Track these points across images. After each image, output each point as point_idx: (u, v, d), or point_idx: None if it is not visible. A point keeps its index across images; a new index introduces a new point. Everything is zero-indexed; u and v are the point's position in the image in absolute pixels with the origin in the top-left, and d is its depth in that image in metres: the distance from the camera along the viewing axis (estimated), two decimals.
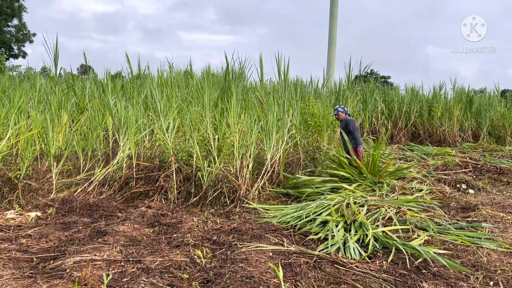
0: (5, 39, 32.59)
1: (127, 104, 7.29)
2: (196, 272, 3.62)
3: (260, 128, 7.04)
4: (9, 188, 5.84)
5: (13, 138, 6.45)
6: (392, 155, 10.35)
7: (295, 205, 5.89)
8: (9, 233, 4.57)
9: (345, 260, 3.99)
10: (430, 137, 13.84)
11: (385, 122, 13.80)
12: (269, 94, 8.68)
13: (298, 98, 8.70)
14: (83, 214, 5.40)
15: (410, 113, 14.03)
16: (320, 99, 9.44)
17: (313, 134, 8.28)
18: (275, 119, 7.01)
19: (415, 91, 15.07)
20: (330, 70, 17.80)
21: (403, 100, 14.28)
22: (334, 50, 18.88)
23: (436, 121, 13.79)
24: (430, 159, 9.81)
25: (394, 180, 7.21)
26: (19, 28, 34.31)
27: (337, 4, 19.00)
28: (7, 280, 3.37)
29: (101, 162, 6.70)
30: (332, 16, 19.01)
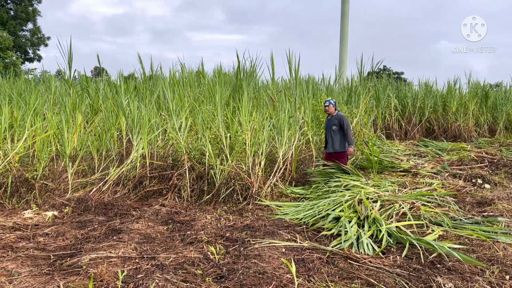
0: (20, 43, 33.18)
1: (140, 104, 7.37)
2: (209, 268, 3.66)
3: (272, 125, 7.05)
4: (27, 188, 5.96)
5: (30, 140, 6.59)
6: (406, 151, 10.25)
7: (308, 201, 5.88)
8: (27, 232, 4.67)
9: (359, 256, 3.98)
10: (444, 133, 13.67)
11: (399, 118, 13.67)
12: (281, 91, 8.68)
13: (309, 95, 8.68)
14: (98, 213, 5.49)
15: (424, 108, 13.88)
16: (332, 96, 9.40)
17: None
18: (286, 116, 7.01)
19: (429, 86, 14.90)
20: (342, 66, 17.71)
21: (417, 96, 14.13)
22: (346, 47, 18.78)
23: (451, 116, 13.61)
24: (445, 155, 9.69)
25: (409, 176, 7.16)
26: (33, 32, 34.90)
27: (348, 1, 18.89)
28: (25, 277, 3.45)
29: (115, 162, 6.79)
30: (343, 13, 18.92)
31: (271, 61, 9.26)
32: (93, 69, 33.62)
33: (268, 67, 9.27)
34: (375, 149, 8.16)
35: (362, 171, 7.61)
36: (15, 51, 30.31)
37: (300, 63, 8.44)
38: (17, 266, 3.66)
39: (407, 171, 7.75)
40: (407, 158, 9.00)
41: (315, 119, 8.24)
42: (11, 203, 5.69)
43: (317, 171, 6.95)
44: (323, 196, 5.99)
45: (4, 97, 7.95)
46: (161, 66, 13.72)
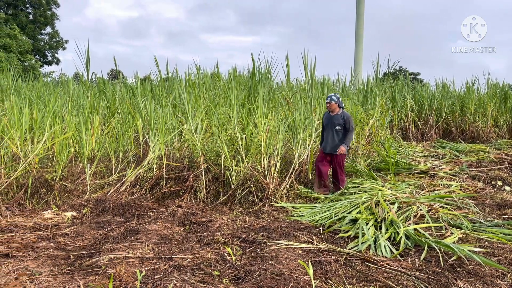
0: (39, 46, 33.83)
1: (156, 106, 7.44)
2: (226, 269, 3.67)
3: (287, 127, 7.05)
4: (46, 189, 6.06)
5: (49, 141, 6.70)
6: (423, 152, 10.13)
7: (324, 203, 5.86)
8: (47, 232, 4.75)
9: (376, 258, 3.94)
10: (462, 134, 13.45)
11: (415, 119, 13.51)
12: (296, 93, 8.66)
13: (325, 96, 8.64)
14: (116, 214, 5.55)
15: (441, 109, 13.69)
16: (348, 97, 9.35)
17: None
18: (302, 117, 6.99)
19: (446, 86, 14.69)
20: (357, 67, 17.59)
21: (434, 97, 13.95)
22: (361, 47, 18.65)
23: (469, 117, 13.39)
24: (463, 156, 9.54)
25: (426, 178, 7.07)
26: (52, 36, 35.55)
27: (363, 2, 18.76)
28: (46, 276, 3.51)
29: (132, 163, 6.86)
30: (358, 14, 18.79)
31: (286, 62, 9.26)
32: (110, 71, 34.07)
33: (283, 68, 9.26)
34: (392, 151, 8.08)
35: (378, 173, 7.54)
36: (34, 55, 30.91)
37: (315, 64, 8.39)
38: (38, 265, 3.73)
39: (424, 173, 7.65)
40: (424, 159, 8.88)
41: None
42: (31, 204, 5.80)
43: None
44: (339, 197, 5.95)
45: (24, 99, 8.10)
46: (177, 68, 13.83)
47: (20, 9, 33.32)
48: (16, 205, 5.63)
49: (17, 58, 24.50)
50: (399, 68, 36.02)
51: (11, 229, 4.72)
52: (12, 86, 9.37)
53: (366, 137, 8.88)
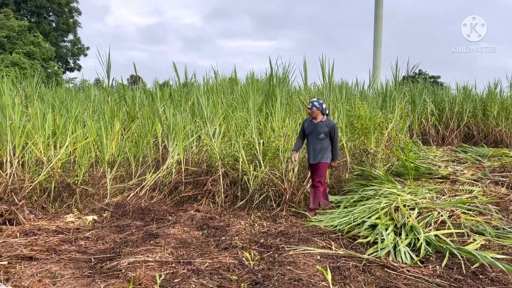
0: (61, 53, 34.64)
1: (175, 111, 7.52)
2: (244, 274, 3.67)
3: None
4: (68, 193, 6.19)
5: (71, 146, 6.85)
6: (444, 157, 9.95)
7: (342, 208, 5.81)
8: (69, 235, 4.85)
9: (396, 264, 3.89)
10: (485, 138, 13.16)
11: (435, 123, 13.30)
12: (313, 97, 8.64)
13: (343, 100, 8.60)
14: (135, 218, 5.63)
15: (463, 113, 13.43)
16: (367, 101, 9.27)
17: (359, 136, 8.14)
18: None
19: (467, 90, 14.41)
20: (376, 71, 17.42)
21: (455, 100, 13.70)
22: (379, 51, 18.49)
23: (491, 121, 13.10)
24: (486, 161, 9.34)
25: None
26: (74, 43, 36.36)
27: (382, 5, 18.61)
28: (68, 279, 3.58)
29: (152, 168, 6.95)
30: (377, 17, 18.65)
31: (304, 67, 9.26)
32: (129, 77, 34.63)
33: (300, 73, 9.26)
34: (411, 155, 7.97)
35: (397, 178, 7.44)
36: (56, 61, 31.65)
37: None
38: (60, 268, 3.81)
39: (445, 178, 7.52)
40: (445, 164, 8.73)
41: (349, 124, 8.14)
42: (54, 207, 5.93)
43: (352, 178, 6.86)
44: (358, 203, 5.90)
45: (48, 105, 8.30)
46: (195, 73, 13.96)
47: (44, 17, 34.21)
48: (39, 209, 5.76)
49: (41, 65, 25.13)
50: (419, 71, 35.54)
51: (34, 232, 4.84)
52: (36, 92, 9.61)
53: (385, 141, 8.79)
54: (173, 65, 10.54)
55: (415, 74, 27.34)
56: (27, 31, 25.88)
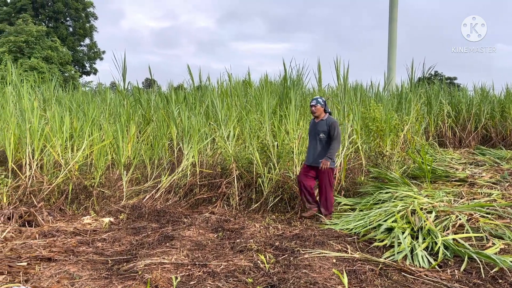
0: (78, 57, 35.21)
1: (190, 114, 7.57)
2: (260, 277, 3.67)
3: None
4: (85, 195, 6.28)
5: (88, 149, 6.95)
6: (461, 159, 9.80)
7: (358, 211, 5.77)
8: (86, 237, 4.91)
9: (413, 268, 3.84)
10: (503, 140, 12.91)
11: (452, 125, 13.11)
12: (328, 99, 8.61)
13: (358, 102, 8.54)
14: (151, 220, 5.67)
15: (480, 115, 13.21)
16: (382, 103, 9.20)
17: (375, 139, 8.08)
18: None
19: (485, 91, 14.18)
20: (390, 73, 17.28)
21: (472, 102, 13.49)
22: (394, 52, 18.33)
23: (510, 122, 12.86)
24: (505, 163, 9.16)
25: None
26: (90, 47, 36.94)
27: (396, 6, 18.46)
28: (86, 280, 3.63)
29: (167, 170, 7.00)
30: (391, 19, 18.51)
31: (318, 68, 9.22)
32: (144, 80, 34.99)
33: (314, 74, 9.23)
34: (428, 158, 7.87)
35: (414, 181, 7.35)
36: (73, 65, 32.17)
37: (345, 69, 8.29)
38: (78, 269, 3.86)
39: (463, 181, 7.40)
40: (462, 167, 8.59)
41: (364, 127, 8.09)
42: (71, 209, 6.02)
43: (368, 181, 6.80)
44: (374, 206, 5.85)
45: (65, 108, 8.44)
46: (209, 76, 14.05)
47: (61, 22, 34.84)
48: (57, 211, 5.86)
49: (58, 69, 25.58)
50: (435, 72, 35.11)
51: (53, 233, 4.91)
52: (54, 96, 9.77)
53: (401, 143, 8.70)
54: (188, 68, 10.60)
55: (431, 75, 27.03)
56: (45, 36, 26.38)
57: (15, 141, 6.92)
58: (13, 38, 24.37)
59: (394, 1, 18.48)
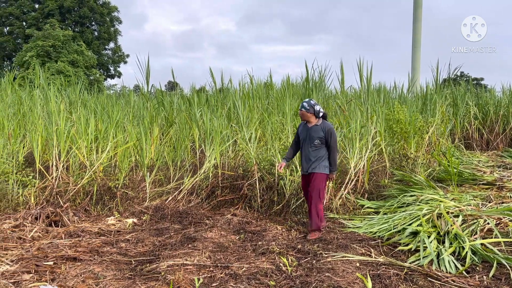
0: (103, 61, 35.95)
1: (212, 116, 7.61)
2: (282, 280, 3.64)
3: (343, 135, 6.93)
4: (109, 196, 6.38)
5: (112, 151, 7.06)
6: (488, 162, 9.53)
7: (382, 215, 5.67)
8: (110, 238, 4.98)
9: (440, 274, 3.74)
10: None
11: (479, 127, 12.77)
12: (350, 101, 8.51)
13: (381, 104, 8.41)
14: (174, 221, 5.72)
15: (509, 116, 12.82)
16: (406, 104, 9.04)
17: (399, 141, 7.94)
18: (358, 126, 6.85)
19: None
20: (415, 74, 16.99)
21: (500, 103, 13.11)
22: (418, 53, 18.02)
23: None
24: None
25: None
26: (114, 51, 37.66)
27: (421, 6, 18.15)
28: (110, 280, 3.67)
29: (189, 172, 7.04)
30: (415, 19, 18.21)
31: (341, 69, 9.13)
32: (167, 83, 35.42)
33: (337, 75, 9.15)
34: (454, 160, 7.68)
35: (439, 184, 7.19)
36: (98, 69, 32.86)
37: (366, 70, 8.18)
38: (103, 269, 3.92)
39: (491, 184, 7.19)
40: (490, 170, 8.35)
41: (388, 129, 7.96)
42: (96, 210, 6.12)
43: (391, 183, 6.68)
44: (398, 209, 5.74)
45: (90, 111, 8.61)
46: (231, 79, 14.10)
47: (87, 27, 35.67)
48: (82, 211, 5.96)
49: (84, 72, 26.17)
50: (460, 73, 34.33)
51: (78, 233, 5.01)
52: (79, 99, 9.99)
53: (426, 146, 8.52)
54: (210, 71, 10.68)
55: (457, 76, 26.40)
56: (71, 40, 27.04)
57: (42, 143, 7.09)
58: (40, 43, 25.08)
59: (418, 1, 18.18)
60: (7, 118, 8.06)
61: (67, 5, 33.34)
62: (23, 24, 34.24)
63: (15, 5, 34.18)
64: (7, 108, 8.49)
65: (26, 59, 24.54)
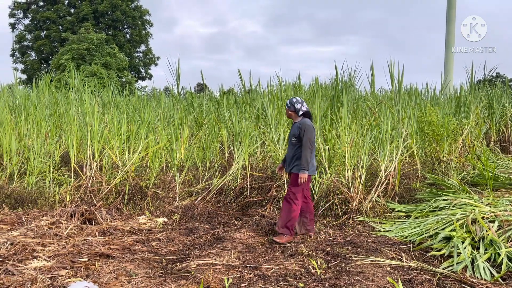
0: (134, 63, 36.78)
1: (240, 118, 7.66)
2: (311, 282, 3.63)
3: (373, 138, 6.83)
4: (141, 196, 6.52)
5: (143, 151, 7.22)
6: None
7: (413, 219, 5.55)
8: (141, 236, 5.09)
9: (474, 280, 3.64)
10: None
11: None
12: (381, 102, 8.38)
13: (413, 105, 8.24)
14: (203, 221, 5.79)
15: None
16: (438, 106, 8.82)
17: (431, 143, 7.75)
18: (389, 128, 6.74)
19: None
20: (448, 75, 16.56)
21: None
22: (452, 54, 17.54)
23: None
24: None
25: None
26: (145, 53, 38.46)
27: (454, 7, 17.68)
28: (142, 278, 3.76)
29: (218, 173, 7.11)
30: (449, 20, 17.75)
31: (371, 71, 9.02)
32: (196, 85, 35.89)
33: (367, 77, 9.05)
34: (490, 164, 7.43)
35: (474, 188, 6.97)
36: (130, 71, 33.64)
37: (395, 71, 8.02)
38: (134, 267, 4.01)
39: None
40: None
41: (420, 131, 7.79)
42: (127, 209, 6.27)
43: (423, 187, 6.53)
44: (430, 213, 5.61)
45: (122, 112, 8.83)
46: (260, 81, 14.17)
47: (119, 30, 36.60)
48: (115, 210, 6.12)
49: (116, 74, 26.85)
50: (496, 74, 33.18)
51: (111, 232, 5.14)
52: (112, 101, 10.26)
53: (459, 149, 8.28)
54: (238, 73, 10.78)
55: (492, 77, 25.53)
56: (105, 43, 27.80)
57: (77, 143, 7.33)
58: (75, 46, 25.90)
59: (452, 2, 17.72)
60: (44, 118, 8.38)
61: (101, 9, 34.31)
62: (59, 28, 35.47)
63: (52, 10, 35.44)
64: (44, 109, 8.82)
65: (62, 62, 25.40)
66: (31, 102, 9.18)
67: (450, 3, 17.74)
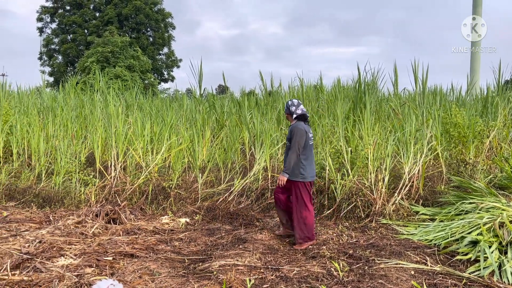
0: (157, 65, 37.28)
1: (261, 119, 7.68)
2: (333, 285, 3.60)
3: (397, 139, 6.73)
4: (163, 196, 6.60)
5: (166, 152, 7.31)
6: None
7: (438, 222, 5.45)
8: (164, 236, 5.16)
9: (502, 286, 3.55)
10: None
11: None
12: (404, 104, 8.26)
13: (438, 107, 8.09)
14: (224, 222, 5.82)
15: None
16: (464, 107, 8.63)
17: (456, 145, 7.59)
18: (413, 129, 6.63)
19: None
20: (474, 75, 16.17)
21: None
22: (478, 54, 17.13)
23: None
24: None
25: None
26: (168, 55, 38.95)
27: (480, 5, 17.27)
28: (165, 277, 3.81)
29: (239, 174, 7.14)
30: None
31: (394, 71, 8.91)
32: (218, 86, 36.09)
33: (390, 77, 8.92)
34: None
35: (501, 191, 6.79)
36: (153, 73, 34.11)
37: (419, 72, 7.88)
38: (158, 266, 4.07)
39: None
40: None
41: (445, 133, 7.64)
42: (151, 209, 6.36)
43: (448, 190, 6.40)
44: (455, 216, 5.49)
45: (145, 114, 8.97)
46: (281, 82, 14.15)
47: (142, 33, 37.18)
48: (138, 210, 6.22)
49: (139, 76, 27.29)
50: None
51: (135, 231, 5.23)
52: (136, 102, 10.44)
53: (486, 151, 8.07)
54: (260, 74, 10.78)
55: None
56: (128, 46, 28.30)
57: (102, 144, 7.49)
58: (100, 49, 26.47)
59: (478, 1, 17.31)
60: (70, 120, 8.59)
61: (125, 12, 34.95)
62: (85, 31, 36.30)
63: (78, 14, 36.30)
64: (70, 111, 9.05)
65: (87, 65, 25.99)
66: (58, 104, 9.43)
67: (475, 2, 17.34)
